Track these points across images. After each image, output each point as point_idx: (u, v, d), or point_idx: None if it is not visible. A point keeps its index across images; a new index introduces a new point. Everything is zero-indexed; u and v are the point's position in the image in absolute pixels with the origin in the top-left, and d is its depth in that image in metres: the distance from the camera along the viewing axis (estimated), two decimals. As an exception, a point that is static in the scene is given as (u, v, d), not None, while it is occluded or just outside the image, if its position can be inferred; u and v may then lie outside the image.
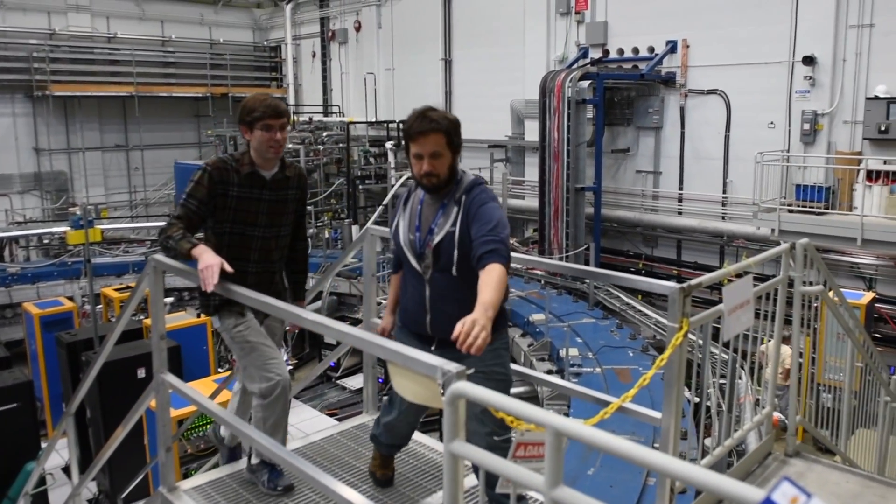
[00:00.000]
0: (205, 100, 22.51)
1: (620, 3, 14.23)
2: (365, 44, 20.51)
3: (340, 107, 21.79)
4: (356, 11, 20.59)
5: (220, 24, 23.70)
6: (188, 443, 7.14)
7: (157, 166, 22.42)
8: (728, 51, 12.69)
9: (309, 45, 22.74)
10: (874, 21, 11.02)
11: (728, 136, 12.95)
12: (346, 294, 16.60)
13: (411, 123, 2.92)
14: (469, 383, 1.72)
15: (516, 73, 15.94)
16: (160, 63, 22.24)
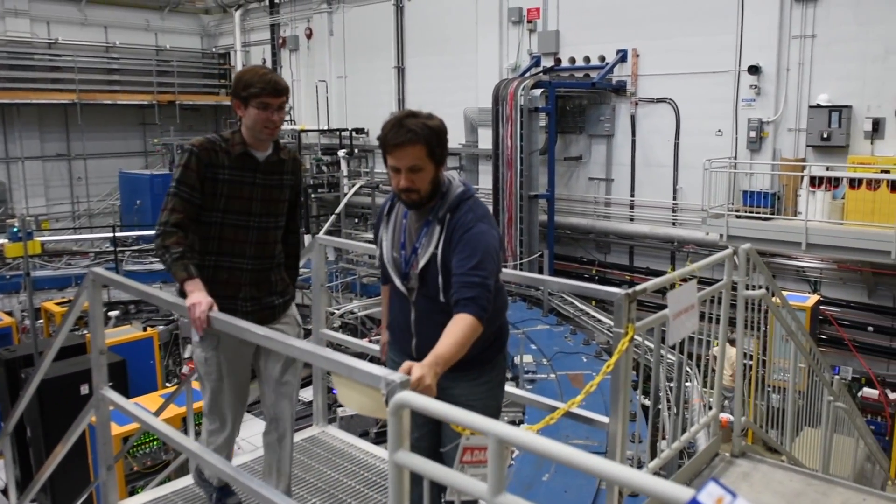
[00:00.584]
0: (151, 107, 22.08)
1: (572, 12, 14.45)
2: (316, 51, 20.41)
3: (292, 114, 21.60)
4: (307, 18, 20.48)
5: (166, 30, 23.31)
6: (134, 460, 6.97)
7: (101, 176, 21.93)
8: (677, 60, 12.98)
9: (259, 52, 22.48)
10: (816, 32, 11.40)
11: (678, 143, 13.24)
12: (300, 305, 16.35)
13: (386, 133, 2.63)
14: (413, 393, 1.72)
15: (469, 81, 16.04)
16: (104, 70, 21.80)
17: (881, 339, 11.34)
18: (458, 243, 2.56)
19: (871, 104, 11.02)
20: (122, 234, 17.76)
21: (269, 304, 3.18)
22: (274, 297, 3.20)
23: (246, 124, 3.04)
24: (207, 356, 3.09)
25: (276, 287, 3.22)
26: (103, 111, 21.64)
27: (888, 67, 10.79)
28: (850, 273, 11.63)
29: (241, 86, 2.99)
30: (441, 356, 2.28)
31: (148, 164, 22.77)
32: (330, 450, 4.16)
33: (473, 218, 2.61)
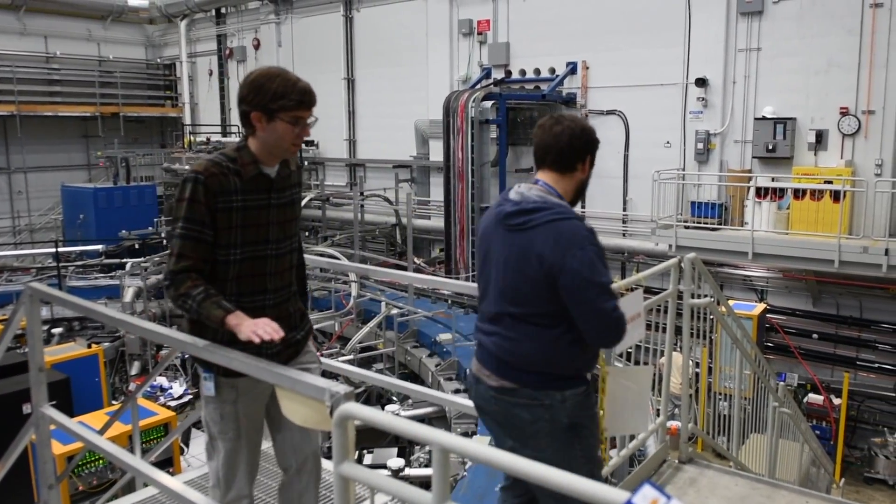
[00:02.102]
0: (94, 119, 21.54)
1: (522, 24, 14.47)
2: (264, 62, 20.02)
3: (239, 127, 21.09)
4: (255, 29, 20.15)
5: (109, 40, 22.73)
6: (79, 479, 6.72)
7: (43, 189, 21.28)
8: (626, 73, 13.08)
9: (205, 63, 22.07)
10: (761, 45, 11.60)
11: (627, 155, 13.32)
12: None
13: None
14: (357, 404, 1.70)
15: (420, 92, 15.93)
16: (44, 81, 21.21)
17: (825, 346, 11.51)
18: None
19: (814, 116, 11.22)
20: (65, 249, 17.27)
21: (293, 340, 2.79)
22: (295, 331, 2.81)
23: (264, 140, 2.59)
24: (224, 412, 2.68)
25: (295, 319, 2.83)
26: (44, 123, 21.05)
27: (830, 80, 11.02)
28: (796, 282, 11.80)
29: (269, 96, 2.54)
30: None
31: (91, 178, 22.12)
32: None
33: None
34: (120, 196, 18.97)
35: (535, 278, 2.61)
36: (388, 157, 17.05)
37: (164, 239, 18.32)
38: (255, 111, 2.55)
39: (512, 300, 2.68)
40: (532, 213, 2.63)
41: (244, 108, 2.60)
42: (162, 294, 15.79)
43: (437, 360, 11.55)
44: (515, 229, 2.66)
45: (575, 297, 2.57)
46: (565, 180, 2.79)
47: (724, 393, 8.69)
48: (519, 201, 2.69)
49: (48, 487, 3.26)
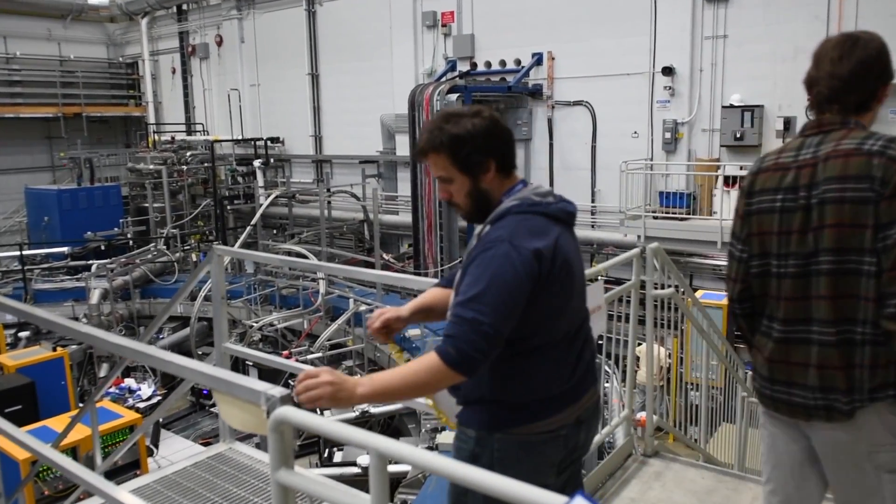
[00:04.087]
0: (57, 120, 20.48)
1: (486, 15, 13.68)
2: (227, 59, 19.03)
3: (205, 125, 20.13)
4: (217, 25, 19.06)
5: (70, 39, 21.50)
6: (45, 484, 6.40)
7: (6, 192, 20.17)
8: (592, 63, 12.36)
9: (168, 61, 20.95)
10: (727, 32, 10.95)
11: (595, 146, 12.62)
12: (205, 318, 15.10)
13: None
14: (294, 408, 1.61)
15: (385, 87, 15.07)
16: (5, 82, 20.15)
17: (796, 335, 10.96)
18: (467, 265, 2.04)
19: (782, 103, 10.62)
20: (30, 252, 16.57)
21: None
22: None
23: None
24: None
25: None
26: (6, 125, 19.99)
27: (798, 67, 10.27)
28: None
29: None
30: (375, 381, 1.92)
31: (56, 179, 21.02)
32: (236, 466, 4.01)
33: (494, 239, 2.00)
34: (84, 197, 18.12)
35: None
36: (354, 152, 16.17)
37: (129, 239, 17.42)
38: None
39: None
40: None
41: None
42: (129, 295, 15.09)
43: (407, 356, 10.74)
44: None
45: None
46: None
47: (695, 383, 8.26)
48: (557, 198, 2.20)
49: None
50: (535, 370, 2.10)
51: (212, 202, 17.60)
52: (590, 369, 2.23)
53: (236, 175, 17.68)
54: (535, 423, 2.10)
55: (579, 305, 2.19)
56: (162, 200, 17.59)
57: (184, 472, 3.93)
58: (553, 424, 2.12)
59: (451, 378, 1.93)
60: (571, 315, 2.14)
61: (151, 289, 15.51)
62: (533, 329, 2.04)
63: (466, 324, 1.91)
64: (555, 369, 2.12)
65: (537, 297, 1.98)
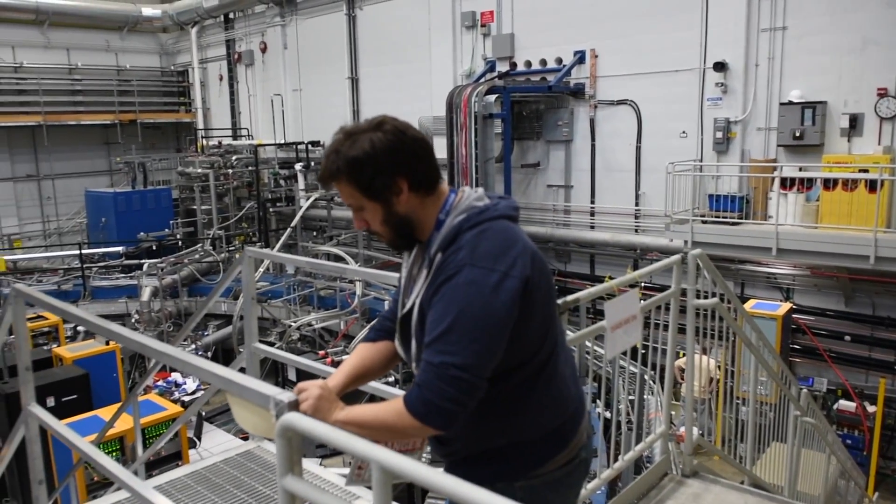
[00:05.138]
0: (113, 127, 20.18)
1: (526, 14, 12.34)
2: (271, 65, 18.13)
3: (249, 129, 19.30)
4: (261, 32, 18.19)
5: (126, 49, 21.08)
6: (94, 470, 6.11)
7: (70, 195, 20.25)
8: (637, 60, 10.94)
9: (216, 68, 20.26)
10: (786, 24, 9.43)
11: (639, 146, 11.16)
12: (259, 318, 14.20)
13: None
14: (301, 415, 1.41)
15: (423, 89, 13.87)
16: (68, 91, 19.91)
17: (859, 349, 9.40)
18: (434, 296, 1.64)
19: (847, 99, 9.06)
20: (89, 251, 16.74)
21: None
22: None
23: None
24: None
25: None
26: (69, 132, 19.85)
27: (866, 59, 8.85)
28: (826, 279, 9.67)
29: None
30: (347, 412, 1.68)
31: (113, 182, 20.86)
32: (264, 465, 3.77)
33: (463, 259, 1.62)
34: (138, 199, 17.94)
35: None
36: (393, 155, 15.00)
37: (178, 240, 16.87)
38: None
39: None
40: None
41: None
42: (177, 293, 14.55)
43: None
44: None
45: None
46: None
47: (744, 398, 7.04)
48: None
49: (38, 483, 2.97)
50: (544, 397, 1.80)
51: (255, 204, 17.03)
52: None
53: (279, 178, 16.89)
54: (557, 456, 1.83)
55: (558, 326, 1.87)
56: (209, 203, 17.20)
57: (214, 467, 3.77)
58: (573, 451, 1.87)
59: (424, 431, 1.64)
60: (555, 335, 1.83)
61: (198, 287, 15.37)
62: (532, 352, 1.74)
63: (433, 370, 1.59)
64: (563, 387, 1.85)
65: (531, 316, 1.67)
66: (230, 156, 17.41)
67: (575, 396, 1.86)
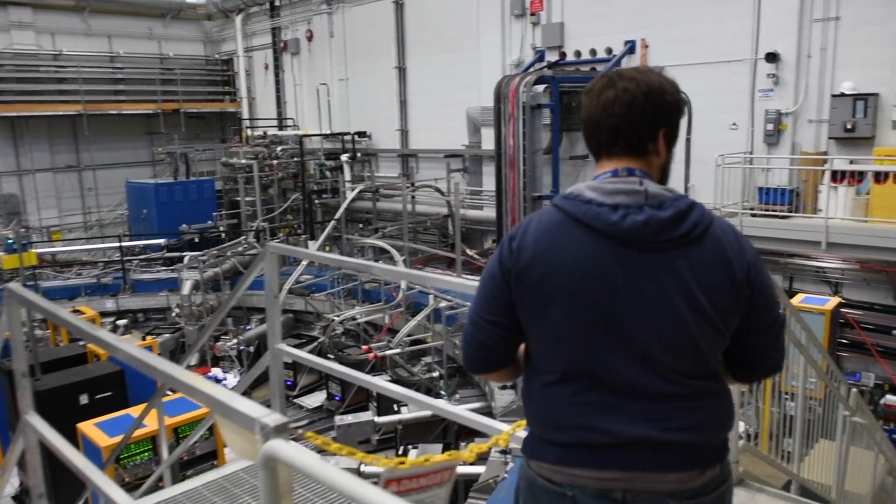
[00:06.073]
0: (156, 116, 21.61)
1: (576, 3, 13.45)
2: (317, 54, 19.58)
3: (295, 119, 20.80)
4: (307, 20, 19.65)
5: (169, 37, 22.70)
6: (125, 471, 6.57)
7: (111, 186, 21.63)
8: (688, 50, 11.92)
9: (261, 57, 21.76)
10: (840, 14, 10.31)
11: (689, 138, 12.12)
12: (302, 311, 15.68)
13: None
14: (287, 443, 1.41)
15: (471, 79, 15.10)
16: (109, 80, 21.34)
17: (910, 344, 10.23)
18: None
19: (900, 91, 9.92)
20: (130, 244, 17.61)
21: None
22: None
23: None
24: None
25: None
26: (110, 121, 21.23)
27: (918, 50, 9.70)
28: (875, 274, 10.53)
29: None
30: None
31: (156, 173, 22.30)
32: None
33: None
34: (180, 191, 19.06)
35: (729, 309, 1.83)
36: (440, 146, 16.28)
37: (221, 232, 18.25)
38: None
39: (700, 354, 1.82)
40: (692, 213, 1.81)
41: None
42: (219, 287, 15.81)
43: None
44: (680, 244, 1.78)
45: (765, 321, 1.91)
46: (647, 168, 1.92)
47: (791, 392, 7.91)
48: (653, 202, 1.79)
49: (38, 497, 3.00)
50: (536, 395, 1.90)
51: (300, 196, 18.17)
52: (634, 438, 1.78)
53: (324, 169, 18.16)
54: (539, 461, 1.89)
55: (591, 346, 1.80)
56: (253, 194, 18.26)
57: (233, 476, 3.96)
58: (558, 476, 1.84)
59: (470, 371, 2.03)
60: (570, 347, 1.81)
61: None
62: (530, 345, 1.92)
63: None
64: (551, 407, 1.87)
65: (521, 300, 1.85)
66: (275, 146, 18.77)
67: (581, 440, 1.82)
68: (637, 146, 1.89)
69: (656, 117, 1.89)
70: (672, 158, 1.96)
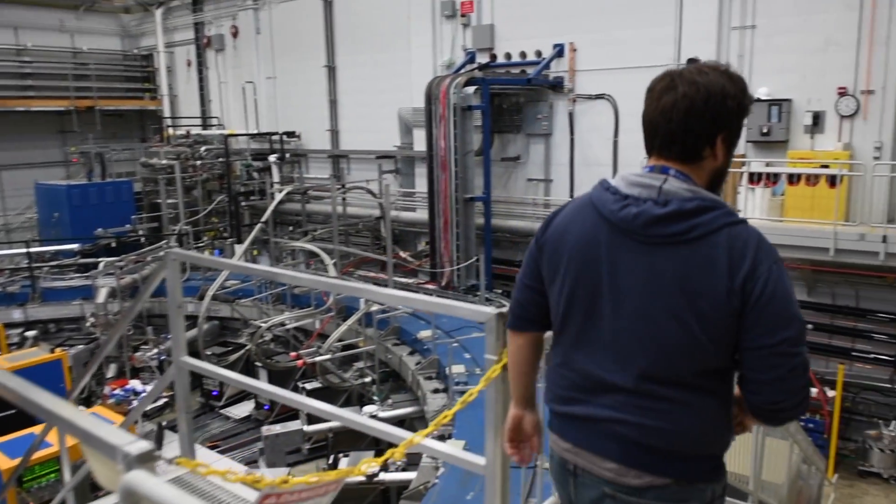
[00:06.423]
0: (69, 114, 21.08)
1: (507, 5, 14.04)
2: (243, 51, 19.66)
3: (220, 118, 20.81)
4: (232, 16, 19.70)
5: (83, 30, 22.15)
6: (28, 494, 6.45)
7: (20, 188, 20.85)
8: (614, 54, 12.66)
9: (183, 53, 21.62)
10: (756, 23, 11.19)
11: (616, 141, 12.93)
12: (229, 318, 15.73)
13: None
14: (147, 475, 1.28)
15: (403, 79, 15.53)
16: (16, 74, 20.71)
17: (820, 337, 11.09)
18: None
19: (811, 97, 10.82)
20: (38, 249, 17.09)
21: None
22: None
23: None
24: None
25: None
26: (17, 119, 20.63)
27: (828, 59, 10.62)
28: (790, 270, 11.23)
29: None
30: None
31: (69, 174, 21.68)
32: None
33: None
34: (95, 193, 18.61)
35: (708, 317, 1.86)
36: (371, 147, 16.66)
37: (141, 237, 18.05)
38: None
39: (663, 355, 1.91)
40: (696, 216, 1.88)
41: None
42: (136, 293, 15.56)
43: (418, 359, 11.23)
44: (669, 241, 1.89)
45: (766, 338, 1.85)
46: (694, 171, 1.99)
47: None
48: (661, 199, 1.92)
49: None
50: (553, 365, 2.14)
51: (226, 198, 18.18)
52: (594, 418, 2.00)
53: (252, 170, 18.22)
54: (552, 434, 2.17)
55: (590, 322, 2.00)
56: (176, 196, 18.10)
57: None
58: (551, 443, 2.14)
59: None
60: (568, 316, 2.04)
61: (163, 287, 15.85)
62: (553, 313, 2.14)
63: None
64: (552, 375, 2.12)
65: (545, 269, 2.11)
66: (199, 146, 18.65)
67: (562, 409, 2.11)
68: (692, 152, 1.98)
69: (715, 124, 1.94)
70: (731, 161, 2.05)
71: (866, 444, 10.48)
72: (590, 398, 1.99)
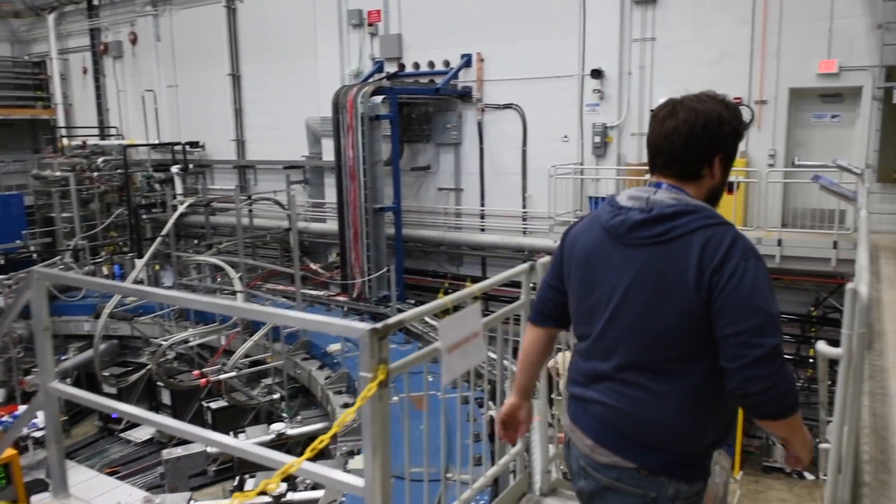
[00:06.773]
0: (-46, 123, 20.06)
1: (414, 15, 14.12)
2: (143, 58, 19.09)
3: (119, 128, 20.12)
4: (131, 22, 19.15)
5: (-31, 35, 21.16)
6: None
7: None
8: (521, 65, 12.90)
9: (79, 60, 20.88)
10: (655, 35, 11.61)
11: (525, 150, 13.14)
12: (129, 336, 15.13)
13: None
14: None
15: (310, 89, 15.37)
16: None
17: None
18: None
19: (708, 107, 11.26)
20: None
21: None
22: None
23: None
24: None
25: None
26: None
27: (724, 70, 11.09)
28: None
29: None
30: None
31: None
32: None
33: None
34: None
35: (680, 308, 2.07)
36: (279, 157, 16.40)
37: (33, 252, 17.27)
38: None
39: (641, 345, 2.15)
40: (674, 219, 2.11)
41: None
42: (29, 313, 14.81)
43: (328, 373, 11.07)
44: (648, 243, 2.12)
45: (729, 328, 2.02)
46: (693, 188, 2.22)
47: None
48: (647, 207, 2.14)
49: None
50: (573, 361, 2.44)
51: (126, 211, 17.60)
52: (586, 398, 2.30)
53: (153, 182, 17.70)
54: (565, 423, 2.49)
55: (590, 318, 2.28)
56: (71, 210, 17.46)
57: None
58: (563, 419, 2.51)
59: None
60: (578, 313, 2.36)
61: (57, 306, 15.23)
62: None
63: None
64: (571, 363, 2.43)
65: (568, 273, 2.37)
66: (96, 157, 18.04)
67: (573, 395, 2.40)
68: (692, 172, 2.21)
69: (713, 146, 2.19)
70: (727, 178, 2.31)
71: (769, 441, 10.92)
72: (588, 383, 2.29)
